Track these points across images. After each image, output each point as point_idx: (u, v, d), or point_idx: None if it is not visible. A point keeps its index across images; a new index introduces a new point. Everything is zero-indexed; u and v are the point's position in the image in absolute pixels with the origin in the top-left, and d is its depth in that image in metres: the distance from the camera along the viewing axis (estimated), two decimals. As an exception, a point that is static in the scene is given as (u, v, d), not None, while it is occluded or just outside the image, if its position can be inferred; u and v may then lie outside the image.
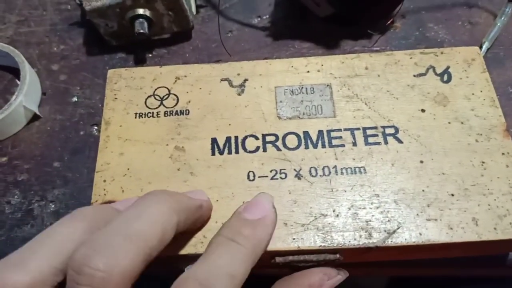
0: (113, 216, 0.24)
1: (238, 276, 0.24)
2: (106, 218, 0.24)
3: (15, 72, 0.40)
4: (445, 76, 0.32)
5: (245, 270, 0.24)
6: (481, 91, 0.32)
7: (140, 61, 0.41)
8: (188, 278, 0.23)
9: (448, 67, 0.33)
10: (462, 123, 0.30)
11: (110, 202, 0.29)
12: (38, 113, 0.38)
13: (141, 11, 0.37)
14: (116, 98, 0.33)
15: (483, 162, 0.29)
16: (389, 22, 0.40)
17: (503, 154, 0.29)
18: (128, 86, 0.33)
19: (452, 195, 0.28)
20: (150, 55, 0.41)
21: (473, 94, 0.31)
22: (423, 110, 0.31)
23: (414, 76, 0.32)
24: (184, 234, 0.26)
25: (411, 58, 0.33)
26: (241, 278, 0.24)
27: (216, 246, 0.25)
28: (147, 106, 0.32)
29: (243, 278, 0.24)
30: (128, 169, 0.30)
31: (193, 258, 0.27)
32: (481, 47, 0.38)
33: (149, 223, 0.23)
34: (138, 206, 0.24)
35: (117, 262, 0.21)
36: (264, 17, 0.43)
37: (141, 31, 0.37)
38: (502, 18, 0.39)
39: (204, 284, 0.22)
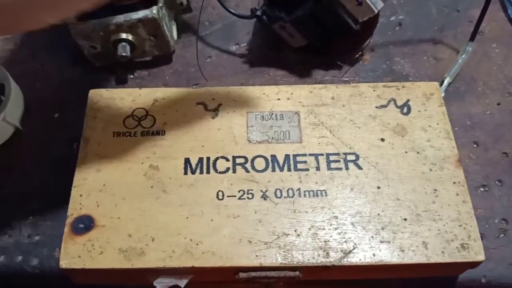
0: None
1: None
2: None
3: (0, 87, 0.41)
4: (405, 108, 0.35)
5: None
6: (437, 124, 0.34)
7: (121, 82, 0.42)
8: None
9: (408, 100, 0.35)
10: (418, 152, 0.33)
11: (85, 216, 0.30)
12: (20, 128, 0.39)
13: (124, 35, 0.39)
14: (96, 117, 0.35)
15: (435, 190, 0.31)
16: (358, 55, 0.43)
17: (454, 183, 0.31)
18: (108, 106, 0.35)
19: (405, 219, 0.30)
20: (131, 76, 0.43)
21: (429, 126, 0.34)
22: (382, 139, 0.33)
23: (376, 107, 0.35)
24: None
25: (374, 90, 0.36)
26: None
27: None
28: (125, 126, 0.34)
29: None
30: (104, 185, 0.32)
31: (162, 272, 0.29)
32: (443, 82, 0.41)
33: None
34: None
35: None
36: (242, 45, 0.45)
37: (124, 54, 0.39)
38: (463, 56, 0.42)
39: None
